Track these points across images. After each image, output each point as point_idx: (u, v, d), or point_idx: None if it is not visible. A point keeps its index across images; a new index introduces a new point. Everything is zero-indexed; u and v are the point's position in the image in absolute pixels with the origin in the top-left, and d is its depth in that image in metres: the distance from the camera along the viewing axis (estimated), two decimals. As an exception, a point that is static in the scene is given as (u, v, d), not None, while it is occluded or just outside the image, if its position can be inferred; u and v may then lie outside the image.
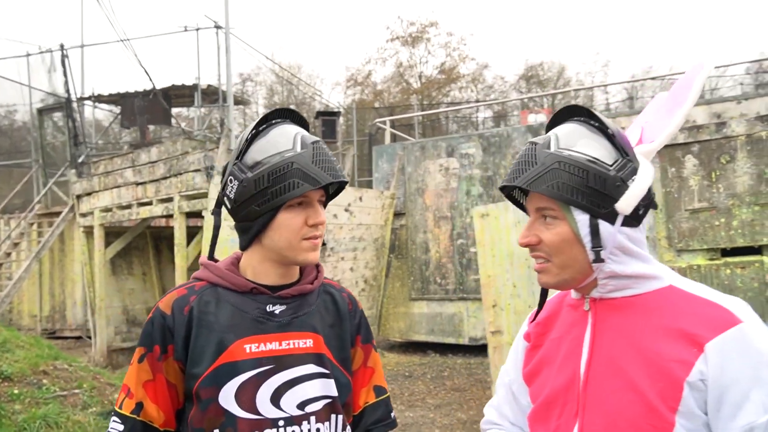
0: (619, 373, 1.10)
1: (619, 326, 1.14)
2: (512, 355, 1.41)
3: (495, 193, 10.11)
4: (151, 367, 1.30)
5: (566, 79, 30.39)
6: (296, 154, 1.26)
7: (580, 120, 1.19)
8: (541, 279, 1.20)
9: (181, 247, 8.13)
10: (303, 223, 1.29)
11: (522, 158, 1.17)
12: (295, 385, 1.30)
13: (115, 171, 9.28)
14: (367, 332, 1.49)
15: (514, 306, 5.74)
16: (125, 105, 13.70)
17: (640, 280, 1.14)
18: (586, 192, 1.10)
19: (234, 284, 1.33)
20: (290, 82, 29.52)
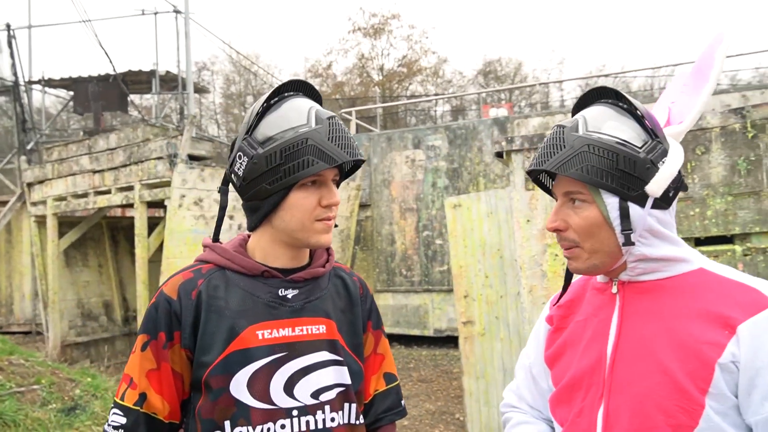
0: (648, 355, 1.09)
1: (648, 309, 1.13)
2: (533, 338, 1.39)
3: (460, 185, 10.16)
4: (155, 355, 1.21)
5: (523, 75, 30.86)
6: (311, 130, 1.19)
7: (608, 102, 1.17)
8: (571, 265, 1.18)
9: (142, 238, 7.85)
10: (317, 203, 1.23)
11: (550, 141, 1.14)
12: (309, 373, 1.24)
13: (70, 158, 8.87)
14: (378, 318, 1.45)
15: (485, 296, 5.77)
16: (78, 90, 13.14)
17: (669, 263, 1.13)
18: (616, 175, 1.08)
19: (244, 267, 1.26)
20: (249, 70, 28.97)
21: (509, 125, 9.66)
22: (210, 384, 1.19)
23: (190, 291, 1.23)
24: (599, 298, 1.22)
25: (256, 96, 30.25)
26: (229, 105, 31.61)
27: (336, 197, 1.25)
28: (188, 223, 7.37)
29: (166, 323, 1.21)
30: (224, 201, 1.32)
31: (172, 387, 1.22)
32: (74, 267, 10.01)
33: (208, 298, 1.22)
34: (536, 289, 4.19)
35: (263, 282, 1.26)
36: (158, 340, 1.21)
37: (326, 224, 1.25)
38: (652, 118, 1.13)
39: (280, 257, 1.29)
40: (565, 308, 1.30)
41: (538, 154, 1.15)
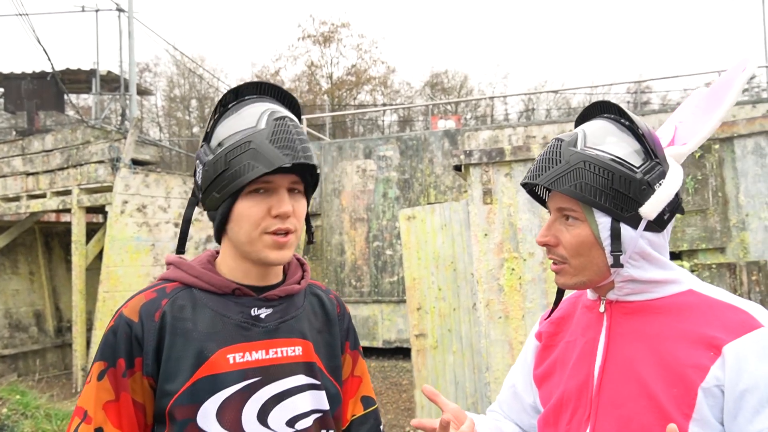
0: (634, 377, 1.07)
1: (635, 330, 1.11)
2: (522, 354, 1.37)
3: (411, 195, 10.19)
4: (113, 385, 1.09)
5: (469, 88, 31.50)
6: (254, 132, 1.09)
7: (609, 117, 1.15)
8: (558, 280, 1.17)
9: (80, 245, 7.45)
10: (265, 213, 1.12)
11: (546, 155, 1.12)
12: (284, 399, 1.15)
13: (1, 159, 8.35)
14: (355, 338, 1.37)
15: (438, 309, 5.76)
16: (10, 87, 12.43)
17: (659, 284, 1.12)
18: (610, 194, 1.06)
19: (213, 285, 1.16)
20: (194, 73, 28.28)
21: (460, 137, 9.77)
22: (175, 414, 1.08)
23: (153, 312, 1.12)
24: (588, 317, 1.20)
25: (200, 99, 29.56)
26: (172, 108, 30.74)
27: (285, 206, 1.11)
28: (130, 231, 7.05)
29: (125, 349, 1.10)
30: (188, 213, 1.21)
31: (133, 420, 1.10)
32: (2, 274, 9.39)
33: (173, 320, 1.11)
34: (493, 303, 4.21)
35: (234, 301, 1.16)
36: (117, 368, 1.09)
37: (276, 239, 1.12)
38: (653, 138, 1.11)
39: (249, 273, 1.19)
40: (555, 325, 1.29)
41: (534, 167, 1.13)
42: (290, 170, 1.13)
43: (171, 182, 7.47)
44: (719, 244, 3.81)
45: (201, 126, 28.31)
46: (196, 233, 7.64)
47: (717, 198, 3.83)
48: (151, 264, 7.24)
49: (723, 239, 3.81)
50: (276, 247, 1.13)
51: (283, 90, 1.20)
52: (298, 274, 1.28)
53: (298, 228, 1.16)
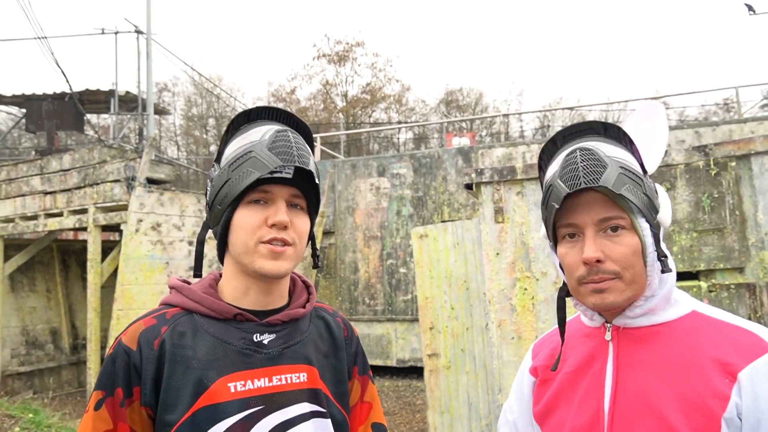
0: (650, 410, 1.02)
1: (645, 358, 1.06)
2: (516, 391, 1.30)
3: (425, 213, 10.15)
4: (111, 415, 1.06)
5: (484, 105, 31.53)
6: (256, 142, 1.11)
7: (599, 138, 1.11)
8: (606, 299, 1.05)
9: (95, 263, 7.51)
10: (261, 222, 1.11)
11: (586, 161, 1.03)
12: (288, 429, 1.11)
13: (20, 178, 8.48)
14: (364, 363, 1.32)
15: (451, 328, 5.69)
16: (31, 108, 12.68)
17: (667, 303, 1.08)
18: (644, 200, 1.04)
19: (214, 310, 1.13)
20: (211, 93, 28.67)
21: (473, 155, 9.75)
22: None
23: (152, 340, 1.09)
24: (590, 346, 1.15)
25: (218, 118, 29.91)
26: (190, 127, 31.14)
27: (280, 215, 1.10)
28: (145, 249, 7.10)
29: (123, 378, 1.07)
30: (201, 234, 1.20)
31: None
32: (20, 292, 9.50)
33: (173, 348, 1.09)
34: (505, 323, 4.14)
35: (236, 327, 1.13)
36: (115, 398, 1.07)
37: (271, 249, 1.10)
38: (639, 153, 1.10)
39: (251, 294, 1.16)
40: (550, 358, 1.22)
41: (580, 173, 1.02)
42: (290, 183, 1.12)
43: (185, 201, 7.52)
44: (737, 264, 3.72)
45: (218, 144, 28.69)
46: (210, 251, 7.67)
47: (734, 216, 3.74)
48: (165, 282, 7.27)
49: (741, 259, 3.72)
50: (271, 257, 1.11)
51: (293, 115, 1.21)
52: (303, 297, 1.25)
53: (297, 242, 1.14)
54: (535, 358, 1.27)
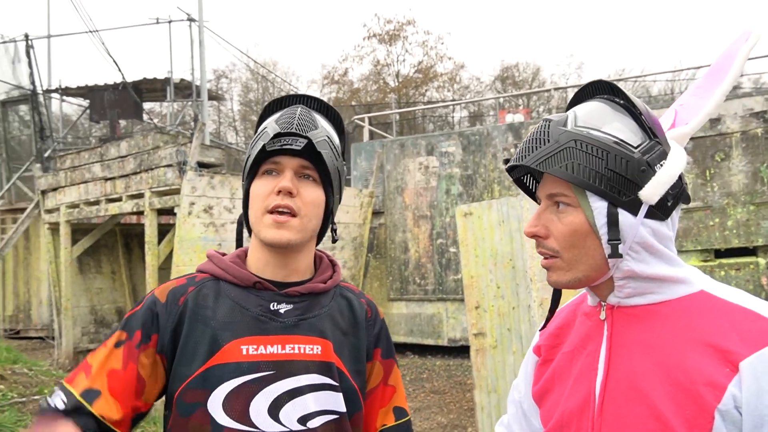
0: (640, 396, 0.94)
1: (639, 339, 0.98)
2: (523, 369, 1.25)
3: (474, 192, 10.00)
4: (125, 355, 1.12)
5: (541, 80, 30.62)
6: (270, 120, 1.19)
7: (602, 98, 1.03)
8: (550, 277, 1.05)
9: (152, 246, 7.82)
10: (270, 191, 1.16)
11: (533, 136, 1.01)
12: (297, 396, 1.13)
13: (83, 166, 8.90)
14: (389, 346, 1.33)
15: (497, 307, 5.60)
16: (94, 98, 13.26)
17: (664, 283, 0.98)
18: (606, 175, 0.95)
19: (236, 277, 1.19)
20: (266, 79, 29.14)
21: (523, 131, 9.49)
22: (185, 398, 1.11)
23: (179, 297, 1.17)
24: (587, 326, 1.08)
25: (273, 103, 30.37)
26: (247, 112, 31.79)
27: (284, 182, 1.15)
28: (198, 231, 7.31)
29: (144, 323, 1.15)
30: (241, 216, 1.27)
31: (130, 393, 1.12)
32: (87, 274, 10.04)
33: (195, 307, 1.16)
34: (547, 302, 4.02)
35: (255, 294, 1.18)
36: (133, 340, 1.14)
37: (274, 218, 1.15)
38: (650, 117, 0.99)
39: (269, 266, 1.21)
40: (554, 337, 1.16)
41: (519, 149, 1.03)
42: (300, 154, 1.16)
43: (235, 183, 7.69)
44: (800, 238, 3.46)
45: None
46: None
47: (797, 187, 3.47)
48: (217, 263, 7.48)
49: (804, 232, 3.45)
50: (275, 227, 1.14)
51: (320, 99, 1.27)
52: (327, 273, 1.28)
53: (304, 213, 1.17)
54: (541, 337, 1.21)
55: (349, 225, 9.65)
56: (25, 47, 12.39)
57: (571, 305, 1.19)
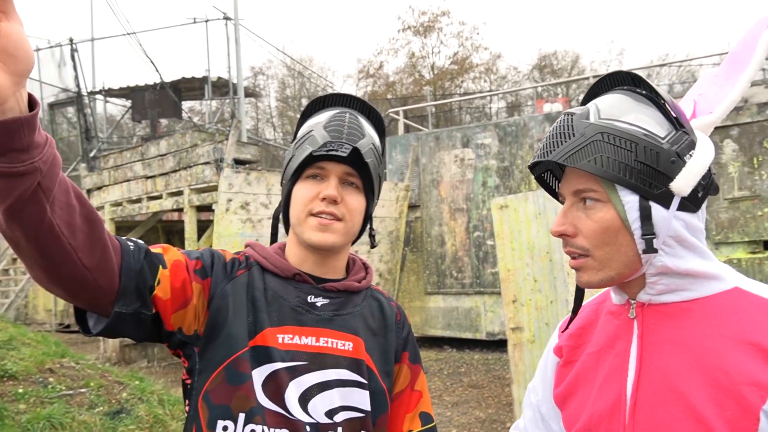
0: (676, 396, 0.90)
1: (673, 338, 0.94)
2: (540, 371, 1.20)
3: (512, 183, 9.85)
4: (189, 265, 1.10)
5: (581, 68, 29.92)
6: (317, 124, 1.20)
7: (623, 89, 0.99)
8: (580, 278, 1.00)
9: (192, 242, 7.98)
10: (314, 196, 1.18)
11: (556, 130, 0.97)
12: (326, 390, 1.14)
13: (125, 165, 9.15)
14: (416, 352, 1.33)
15: (535, 301, 5.50)
16: (136, 99, 13.61)
17: (697, 280, 0.94)
18: (636, 168, 0.91)
19: (277, 267, 1.21)
20: (302, 75, 29.36)
21: (562, 120, 9.29)
22: (237, 367, 1.09)
23: (237, 268, 1.20)
24: (614, 325, 1.03)
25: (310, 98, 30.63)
26: (284, 108, 32.13)
27: (330, 190, 1.16)
28: (235, 227, 7.43)
29: (204, 260, 1.14)
30: (277, 210, 1.29)
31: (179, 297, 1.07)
32: (132, 270, 10.32)
33: (247, 285, 1.18)
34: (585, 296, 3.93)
35: (294, 286, 1.20)
36: (191, 262, 1.11)
37: (319, 221, 1.17)
38: (676, 107, 0.95)
39: (307, 263, 1.23)
40: (576, 337, 1.12)
41: (542, 144, 0.98)
42: (345, 161, 1.17)
43: (271, 179, 7.77)
44: None
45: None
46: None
47: None
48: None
49: None
50: (319, 229, 1.17)
51: (360, 99, 1.29)
52: (360, 274, 1.30)
53: (348, 219, 1.19)
54: (561, 337, 1.16)
55: (385, 219, 9.64)
56: (70, 51, 12.79)
57: (593, 304, 1.14)
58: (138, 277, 1.00)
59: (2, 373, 4.60)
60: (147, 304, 1.02)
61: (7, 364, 4.71)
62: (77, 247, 0.88)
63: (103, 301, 0.97)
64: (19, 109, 0.77)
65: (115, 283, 0.97)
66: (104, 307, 0.98)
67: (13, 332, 5.62)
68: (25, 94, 0.78)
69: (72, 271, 0.90)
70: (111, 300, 0.97)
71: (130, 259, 1.00)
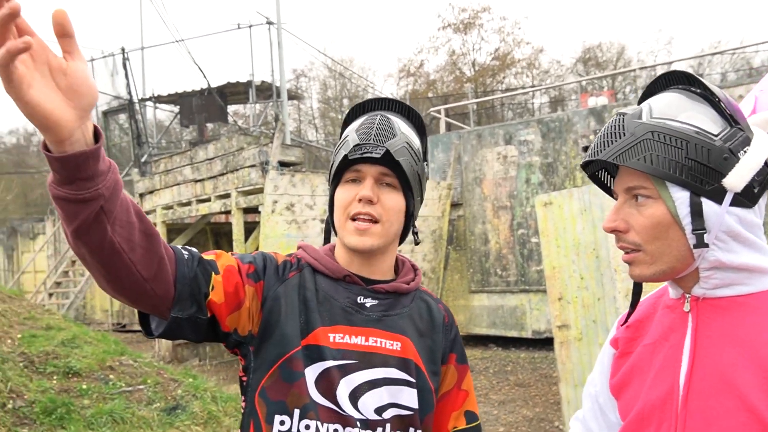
0: (729, 387, 0.92)
1: (727, 331, 0.96)
2: (599, 363, 1.23)
3: (556, 180, 9.72)
4: (241, 269, 1.16)
5: (627, 59, 29.14)
6: (352, 128, 1.24)
7: (678, 88, 1.01)
8: (632, 272, 1.03)
9: (239, 243, 8.20)
10: (352, 198, 1.21)
11: (607, 130, 1.00)
12: (376, 387, 1.18)
13: (175, 169, 9.47)
14: (463, 353, 1.36)
15: (581, 299, 5.43)
16: (183, 104, 14.03)
17: (753, 274, 0.95)
18: (686, 165, 0.93)
19: (328, 268, 1.25)
20: (343, 75, 29.61)
21: (607, 114, 9.11)
22: (291, 365, 1.15)
23: (290, 270, 1.24)
24: (670, 318, 1.05)
25: (351, 98, 30.85)
26: (326, 109, 32.47)
27: (365, 191, 1.19)
28: (281, 228, 7.59)
29: (257, 264, 1.20)
30: (329, 218, 1.34)
31: (231, 302, 1.12)
32: (183, 271, 10.67)
33: (299, 286, 1.22)
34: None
35: (344, 287, 1.24)
36: (244, 266, 1.17)
37: (356, 226, 1.20)
38: (730, 104, 0.97)
39: (354, 265, 1.26)
40: (633, 329, 1.14)
41: (594, 143, 1.02)
42: (379, 162, 1.20)
43: (315, 181, 7.90)
44: None
45: (351, 124, 29.50)
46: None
47: None
48: (301, 259, 7.75)
49: None
50: (357, 233, 1.20)
51: (398, 101, 1.32)
52: (409, 276, 1.32)
53: (385, 219, 1.21)
54: (618, 330, 1.19)
55: (428, 218, 9.67)
56: (122, 60, 13.28)
57: (652, 298, 1.16)
58: (192, 284, 1.06)
59: (68, 369, 4.85)
60: (202, 309, 1.08)
61: (71, 362, 4.96)
62: (136, 261, 0.95)
63: (162, 307, 1.04)
64: (85, 141, 0.83)
65: (171, 291, 1.03)
66: (163, 313, 1.05)
67: (76, 331, 5.90)
68: (91, 126, 0.85)
69: (132, 282, 0.97)
70: (168, 306, 1.04)
71: (184, 268, 1.05)
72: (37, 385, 4.50)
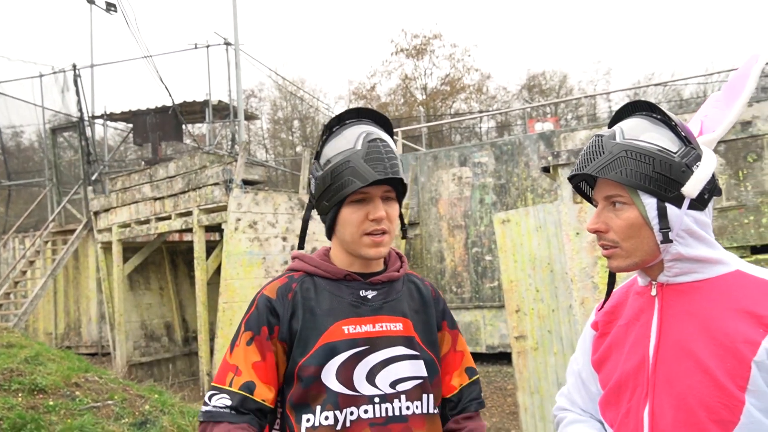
0: (688, 354, 1.15)
1: (686, 310, 1.19)
2: (581, 344, 1.46)
3: (508, 200, 10.16)
4: (259, 349, 1.36)
5: (568, 87, 30.50)
6: (353, 153, 1.33)
7: (642, 114, 1.26)
8: (611, 264, 1.26)
9: (201, 261, 8.18)
10: (364, 218, 1.36)
11: (589, 149, 1.24)
12: (388, 365, 1.38)
13: (133, 187, 9.37)
14: (452, 319, 1.57)
15: (537, 310, 5.76)
16: (137, 122, 13.84)
17: (706, 264, 1.19)
18: (653, 177, 1.16)
19: (329, 272, 1.42)
20: (295, 95, 29.73)
21: (555, 139, 9.65)
22: (303, 373, 1.34)
23: (287, 293, 1.39)
24: (640, 302, 1.29)
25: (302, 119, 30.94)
26: (276, 130, 32.42)
27: (379, 212, 1.35)
28: (244, 246, 7.66)
29: (267, 319, 1.36)
30: (306, 215, 1.49)
31: (274, 376, 1.36)
32: (137, 290, 10.49)
33: (302, 300, 1.38)
34: (588, 301, 4.21)
35: (346, 285, 1.41)
36: (262, 335, 1.35)
37: (374, 239, 1.37)
38: (684, 127, 1.22)
39: (355, 265, 1.44)
40: (609, 314, 1.37)
41: (579, 160, 1.25)
42: (382, 182, 1.36)
43: (278, 199, 8.02)
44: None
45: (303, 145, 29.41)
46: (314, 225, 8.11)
47: (828, 184, 3.61)
48: (263, 276, 7.82)
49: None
50: (374, 246, 1.38)
51: (377, 112, 1.46)
52: (397, 264, 1.51)
53: (391, 229, 1.40)
54: (597, 314, 1.42)
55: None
56: (72, 76, 13.04)
57: (623, 288, 1.40)
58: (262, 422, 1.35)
59: (33, 386, 4.79)
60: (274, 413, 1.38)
61: (37, 378, 4.89)
62: None
63: None
64: None
65: None
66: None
67: (39, 348, 5.79)
68: None
69: None
70: None
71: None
72: (4, 402, 4.43)
